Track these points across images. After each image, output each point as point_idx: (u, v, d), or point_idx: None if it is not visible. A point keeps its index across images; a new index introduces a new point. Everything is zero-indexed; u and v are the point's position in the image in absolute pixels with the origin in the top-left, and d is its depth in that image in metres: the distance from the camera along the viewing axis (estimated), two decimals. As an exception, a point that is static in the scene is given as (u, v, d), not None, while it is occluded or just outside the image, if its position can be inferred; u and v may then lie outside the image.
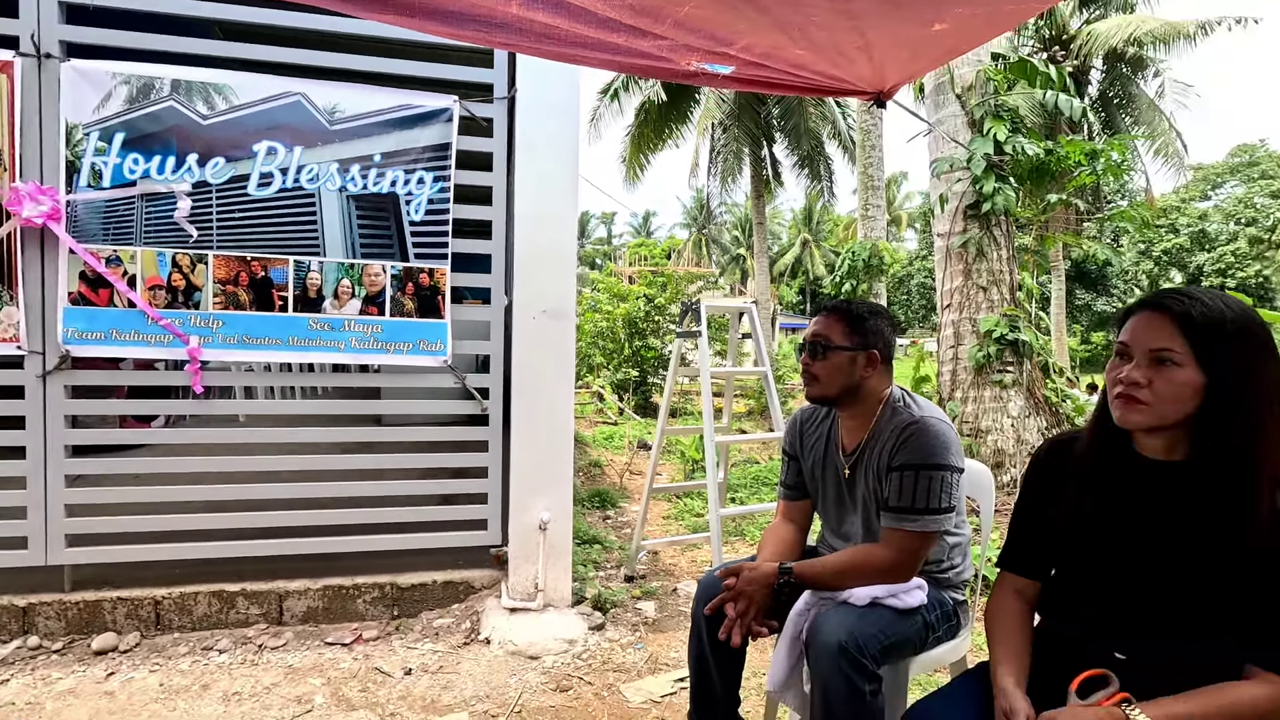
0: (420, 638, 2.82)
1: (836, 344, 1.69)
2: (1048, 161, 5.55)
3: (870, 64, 2.03)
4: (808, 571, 1.59)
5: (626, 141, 17.41)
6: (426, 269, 2.93)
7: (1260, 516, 1.06)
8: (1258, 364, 1.08)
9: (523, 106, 2.96)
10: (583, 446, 7.47)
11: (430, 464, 3.11)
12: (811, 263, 39.57)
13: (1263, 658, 1.07)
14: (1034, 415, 5.39)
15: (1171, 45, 15.64)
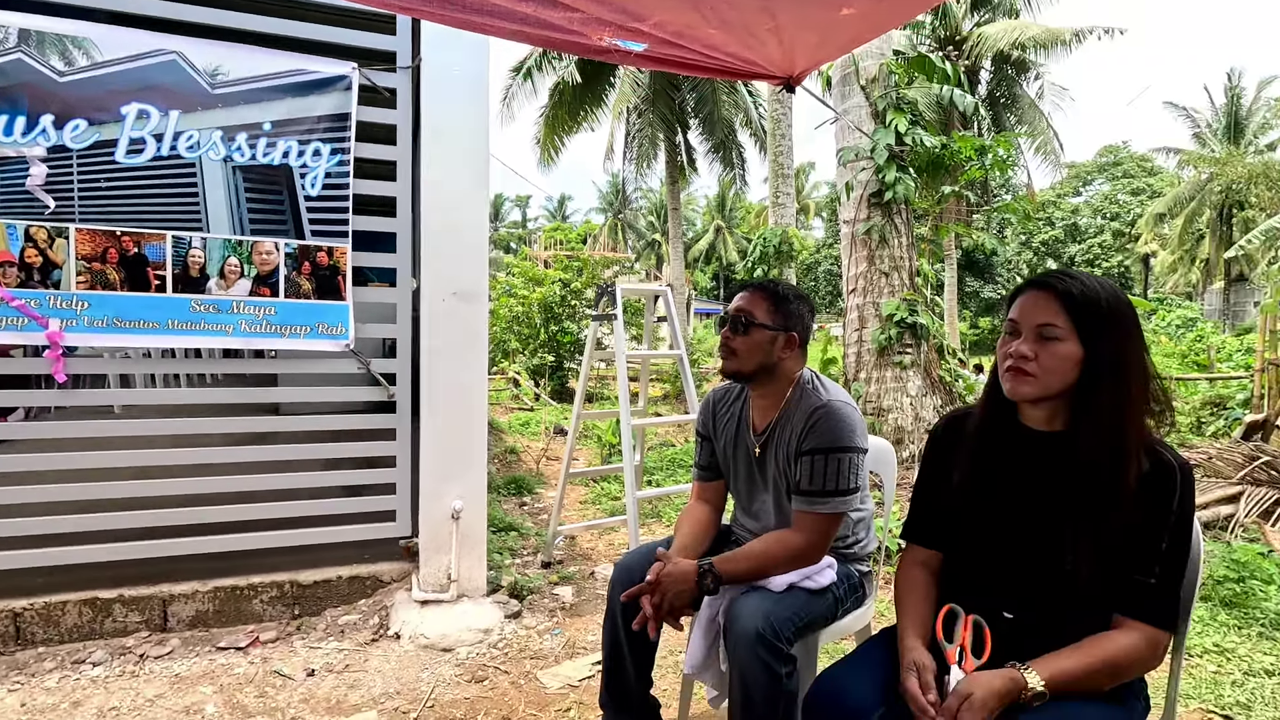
0: (324, 636, 2.68)
1: (759, 321, 1.70)
2: (943, 155, 5.86)
3: (780, 47, 2.05)
4: (728, 569, 1.59)
5: (541, 123, 17.07)
6: (325, 247, 2.76)
7: (1128, 478, 1.15)
8: (1126, 339, 1.18)
9: (429, 77, 2.81)
10: (498, 433, 7.32)
11: (335, 454, 2.95)
12: (725, 249, 40.34)
13: (1130, 608, 1.17)
14: (930, 394, 5.72)
15: (1050, 51, 16.87)
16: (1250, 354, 8.78)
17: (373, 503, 2.96)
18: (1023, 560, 1.25)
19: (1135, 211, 31.64)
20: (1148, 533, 1.15)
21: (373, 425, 2.96)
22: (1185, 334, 17.51)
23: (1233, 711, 2.21)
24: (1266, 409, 5.91)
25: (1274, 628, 2.75)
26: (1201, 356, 12.88)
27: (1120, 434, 1.16)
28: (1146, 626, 1.15)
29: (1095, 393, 1.17)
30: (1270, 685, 2.35)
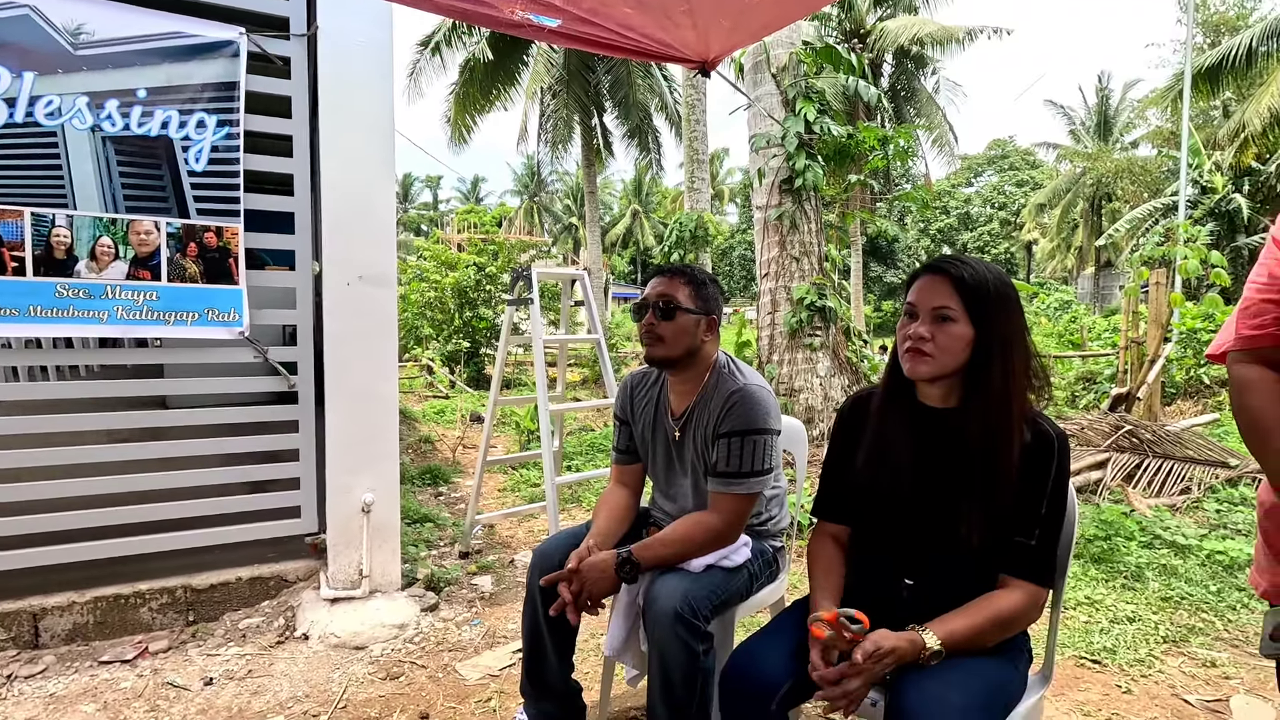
0: (223, 643, 2.52)
1: (683, 305, 1.71)
2: (849, 144, 6.07)
3: (695, 30, 2.05)
4: (647, 555, 1.61)
5: (451, 100, 16.47)
6: (213, 227, 2.56)
7: (1013, 450, 1.24)
8: (1011, 321, 1.27)
9: (327, 46, 2.65)
10: (411, 422, 7.09)
11: (232, 449, 2.76)
12: (642, 233, 40.49)
13: (1014, 569, 1.26)
14: (838, 375, 5.97)
15: (946, 47, 17.81)
16: (1116, 333, 9.67)
17: (275, 499, 2.80)
18: (921, 530, 1.33)
19: (1020, 202, 34.05)
20: (1029, 499, 1.24)
21: (273, 417, 2.79)
22: (1062, 315, 19.07)
23: (1101, 656, 2.44)
24: (1129, 383, 6.53)
25: (1135, 579, 3.06)
26: (1075, 336, 14.07)
27: (1006, 409, 1.24)
28: (1029, 585, 1.25)
29: (985, 371, 1.26)
30: (1131, 630, 2.62)
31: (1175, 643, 2.54)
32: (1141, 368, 6.45)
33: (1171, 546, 3.33)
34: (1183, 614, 2.76)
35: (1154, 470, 4.33)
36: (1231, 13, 19.04)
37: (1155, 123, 25.03)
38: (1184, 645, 2.53)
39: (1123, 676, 2.32)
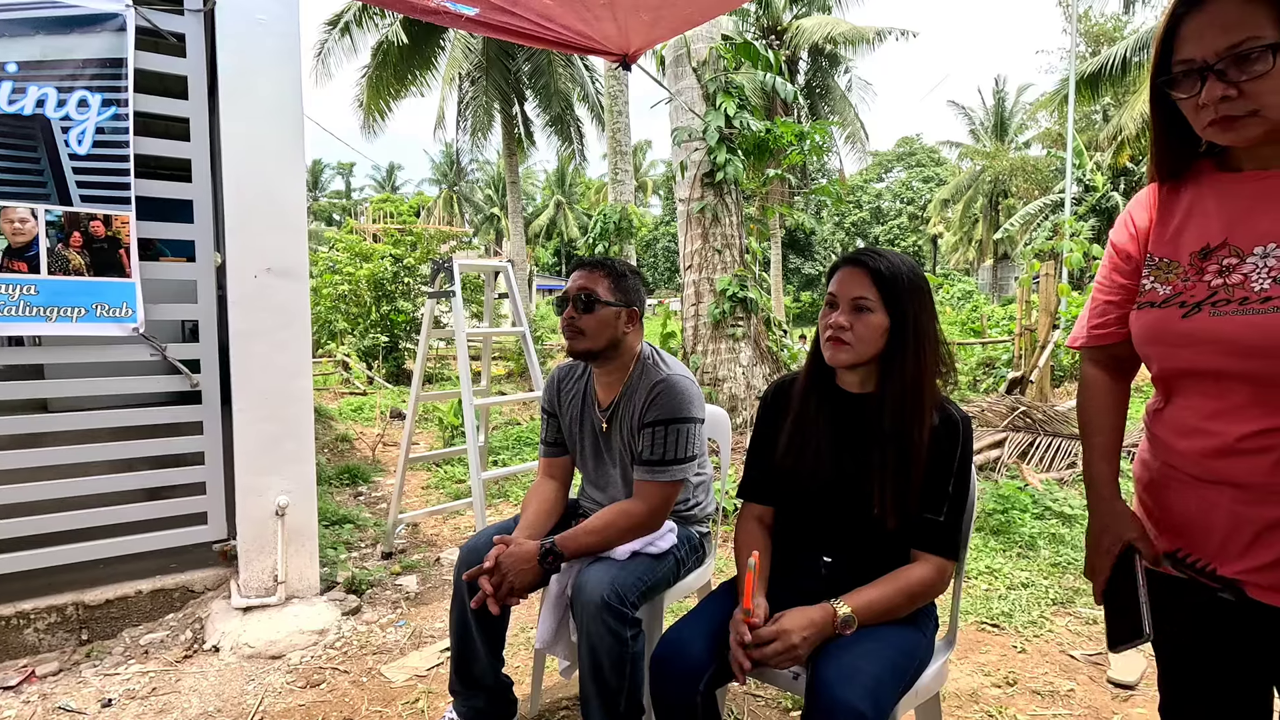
0: (123, 661, 2.36)
1: (603, 298, 1.72)
2: (767, 139, 6.23)
3: (615, 23, 2.06)
4: (571, 544, 1.62)
5: (363, 84, 15.78)
6: (100, 215, 2.37)
7: (923, 433, 1.32)
8: (923, 310, 1.35)
9: (226, 23, 2.49)
10: (327, 420, 6.80)
11: (128, 454, 2.57)
12: (566, 224, 40.16)
13: (924, 544, 1.35)
14: (760, 364, 6.14)
15: (857, 47, 18.50)
16: (1012, 321, 10.37)
17: (179, 505, 2.63)
18: (839, 510, 1.40)
19: (926, 197, 35.90)
20: (938, 478, 1.33)
21: (175, 419, 2.62)
22: (964, 305, 20.27)
23: (999, 620, 2.64)
24: (1023, 367, 7.04)
25: (1029, 548, 3.31)
26: (976, 324, 14.99)
27: (918, 393, 1.33)
28: (937, 558, 1.34)
29: (899, 358, 1.33)
30: (1025, 595, 2.84)
31: (1063, 604, 2.78)
32: (1034, 353, 6.96)
33: (1060, 516, 3.62)
34: (1069, 578, 3.01)
35: (1045, 447, 4.69)
36: (1109, 25, 20.67)
37: (1045, 124, 26.94)
38: (1070, 606, 2.76)
39: (1018, 638, 2.52)
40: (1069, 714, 2.07)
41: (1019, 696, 2.16)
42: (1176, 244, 1.01)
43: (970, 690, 2.18)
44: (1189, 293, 0.97)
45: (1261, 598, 0.94)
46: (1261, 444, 0.91)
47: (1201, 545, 1.00)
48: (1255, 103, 0.87)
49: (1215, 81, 0.88)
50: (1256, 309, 0.90)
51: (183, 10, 2.48)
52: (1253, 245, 0.92)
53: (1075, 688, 2.20)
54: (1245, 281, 0.92)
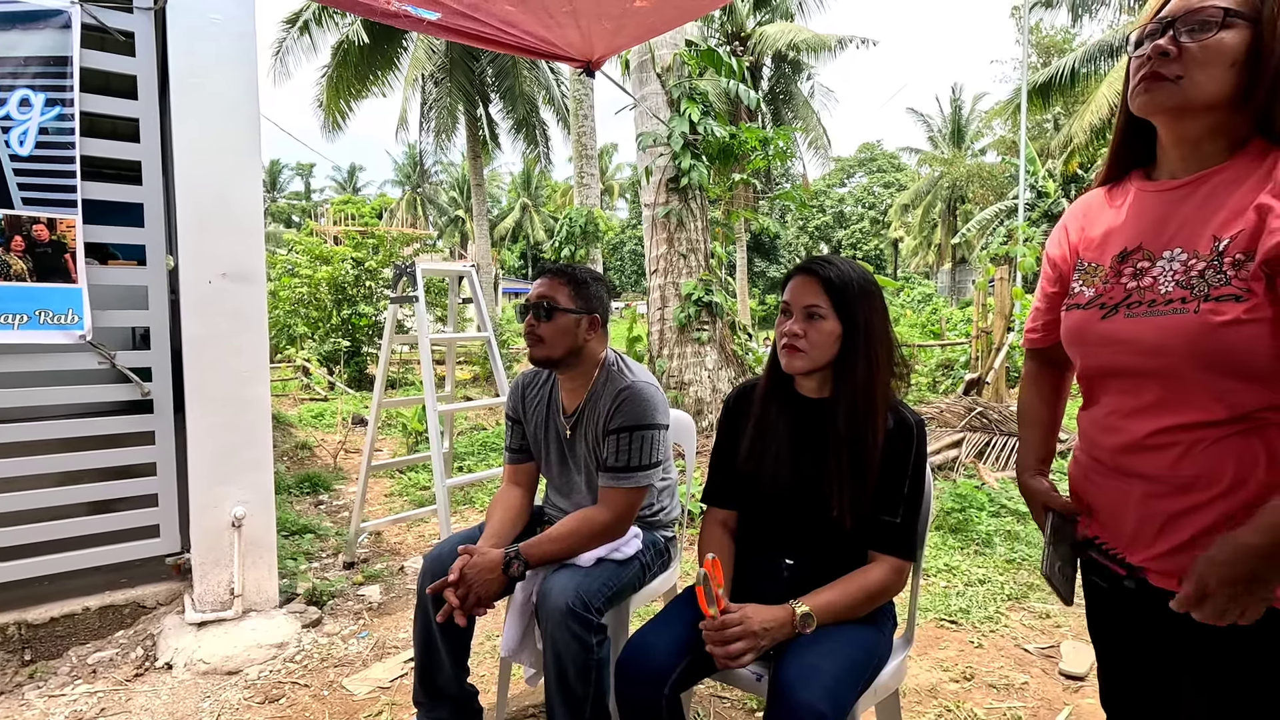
0: (69, 681, 2.27)
1: (562, 306, 1.72)
2: (732, 144, 6.30)
3: (579, 31, 2.07)
4: (535, 552, 1.62)
5: (323, 84, 15.46)
6: (44, 218, 2.28)
7: (878, 436, 1.35)
8: (874, 315, 1.39)
9: (179, 22, 2.42)
10: (286, 428, 6.64)
11: (74, 466, 2.47)
12: (532, 227, 39.94)
13: (881, 545, 1.38)
14: (725, 367, 6.20)
15: (819, 54, 18.79)
16: (970, 324, 10.65)
17: (129, 518, 2.55)
18: (799, 513, 1.43)
19: (887, 202, 36.66)
20: (893, 481, 1.37)
21: (125, 429, 2.54)
22: (924, 307, 20.75)
23: (957, 616, 2.71)
24: (980, 369, 7.23)
25: (985, 545, 3.41)
26: (935, 327, 15.36)
27: (871, 397, 1.36)
28: (894, 559, 1.38)
29: (852, 363, 1.37)
30: (982, 592, 2.92)
31: (1018, 599, 2.86)
32: (990, 355, 7.16)
33: (1015, 514, 3.73)
34: (1023, 573, 3.11)
35: (1001, 447, 4.82)
36: (1059, 38, 21.41)
37: (1000, 132, 27.75)
38: (1024, 601, 2.85)
39: (975, 633, 2.59)
40: (1023, 706, 2.13)
41: (976, 690, 2.22)
42: (1103, 249, 1.07)
43: (929, 686, 2.24)
44: (1108, 294, 1.03)
45: (1160, 584, 1.00)
46: (1165, 440, 0.97)
47: (1116, 534, 1.06)
48: (1183, 69, 0.92)
49: (1169, 36, 0.93)
50: (1161, 310, 0.95)
51: (132, 8, 2.41)
52: (1161, 249, 0.98)
53: (1029, 680, 2.27)
54: (1154, 284, 0.97)
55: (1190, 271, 0.94)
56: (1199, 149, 0.97)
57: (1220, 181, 0.94)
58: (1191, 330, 0.91)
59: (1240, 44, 0.90)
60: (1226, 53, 0.90)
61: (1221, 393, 0.91)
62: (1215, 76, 0.91)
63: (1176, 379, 0.94)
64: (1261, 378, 0.89)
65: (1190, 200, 0.97)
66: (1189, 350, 0.92)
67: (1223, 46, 0.90)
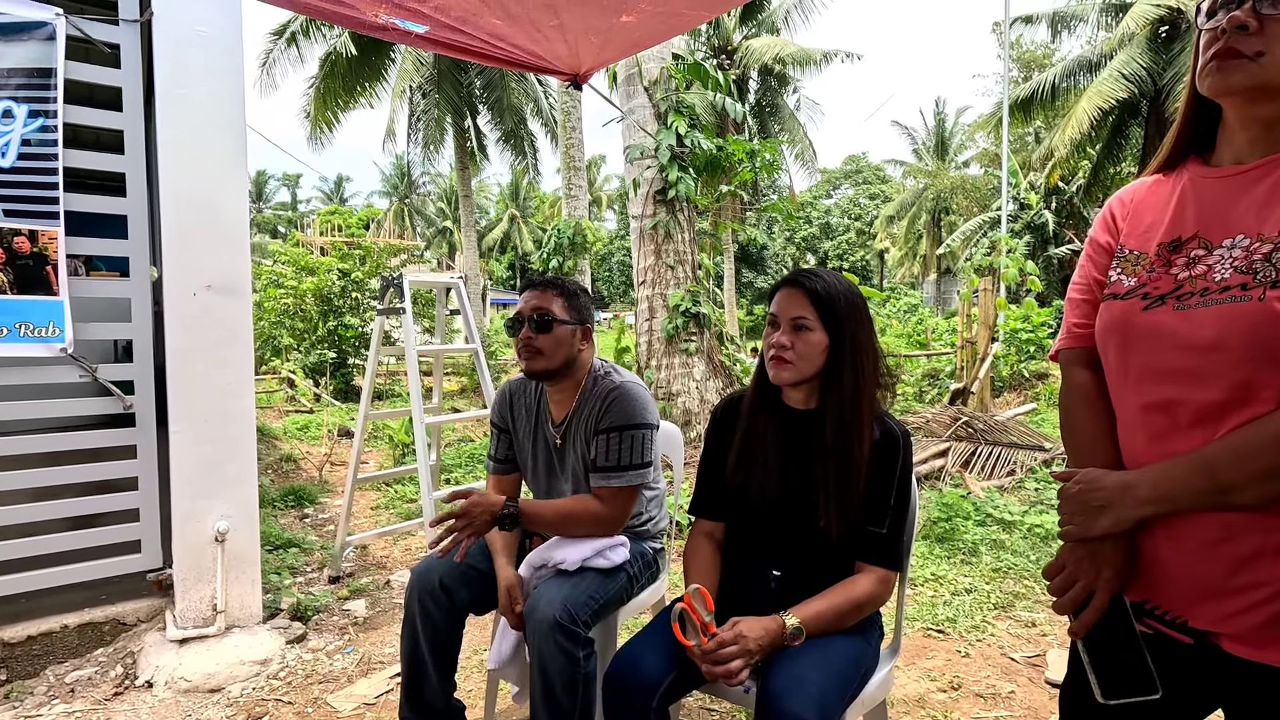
0: (46, 701, 2.23)
1: (559, 317, 1.73)
2: (719, 156, 6.35)
3: (566, 45, 2.08)
4: (530, 512, 1.66)
5: (310, 95, 15.45)
6: (25, 231, 2.26)
7: (864, 447, 1.36)
8: (860, 326, 1.40)
9: (165, 34, 2.42)
10: (271, 440, 6.57)
11: (53, 481, 2.43)
12: (520, 238, 39.94)
13: (867, 555, 1.39)
14: (713, 378, 6.21)
15: (805, 68, 19.02)
16: (955, 334, 10.76)
17: (110, 534, 2.51)
18: (787, 524, 1.43)
19: (873, 213, 36.99)
20: (879, 491, 1.38)
21: (107, 443, 2.50)
22: (910, 318, 20.92)
23: (944, 626, 2.72)
24: (965, 379, 7.30)
25: (971, 554, 3.43)
26: (921, 337, 15.49)
27: (857, 408, 1.37)
28: (880, 569, 1.38)
29: (839, 374, 1.38)
30: (969, 601, 2.93)
31: (1004, 608, 2.88)
32: (975, 365, 7.22)
33: (1000, 523, 3.76)
34: (1009, 582, 3.13)
35: (986, 456, 4.86)
36: (1039, 53, 21.79)
37: (983, 145, 28.14)
38: (1011, 610, 2.87)
39: (962, 642, 2.60)
40: (1010, 715, 2.14)
41: (963, 700, 2.22)
42: (1148, 237, 0.97)
43: (917, 695, 2.24)
44: (1153, 284, 0.92)
45: (1237, 651, 0.87)
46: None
47: (1171, 593, 0.92)
48: (1264, 45, 0.82)
49: (1248, 6, 0.83)
50: (1216, 299, 0.85)
51: (117, 20, 2.41)
52: (1222, 238, 0.88)
53: (1016, 689, 2.28)
54: (1208, 273, 0.87)
55: (1253, 255, 0.83)
56: (1272, 132, 0.87)
57: None
58: (1255, 319, 0.80)
59: None
60: None
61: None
62: None
63: (1235, 378, 0.82)
64: None
65: (1259, 185, 0.86)
66: (1251, 342, 0.80)
67: None
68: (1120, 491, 0.90)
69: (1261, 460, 0.80)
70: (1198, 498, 0.85)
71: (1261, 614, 0.83)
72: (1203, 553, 0.86)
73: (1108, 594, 0.90)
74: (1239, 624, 0.85)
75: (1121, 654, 0.89)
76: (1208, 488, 0.83)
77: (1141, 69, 13.09)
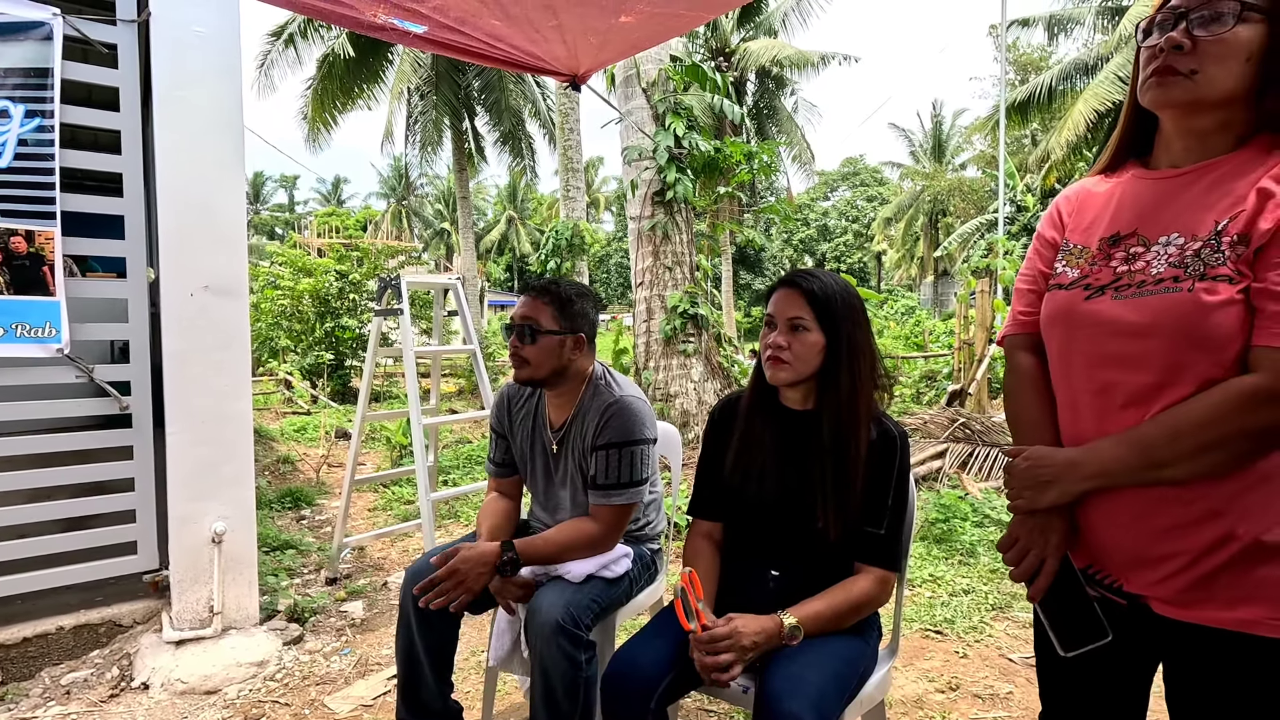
0: (41, 703, 2.22)
1: (545, 328, 1.71)
2: (717, 158, 6.35)
3: (564, 45, 2.08)
4: (529, 550, 1.63)
5: (308, 96, 15.44)
6: (22, 231, 2.25)
7: (861, 447, 1.36)
8: (856, 327, 1.40)
9: (162, 35, 2.42)
10: (268, 442, 6.56)
11: (49, 482, 2.43)
12: (518, 240, 39.92)
13: (866, 556, 1.39)
14: (711, 379, 6.21)
15: (802, 70, 19.05)
16: (952, 336, 10.76)
17: (106, 535, 2.50)
18: (785, 524, 1.43)
19: (870, 215, 37.05)
20: (877, 492, 1.38)
21: (103, 444, 2.50)
22: (908, 319, 20.95)
23: (942, 626, 2.72)
24: (962, 380, 7.31)
25: (969, 555, 3.43)
26: (919, 338, 15.50)
27: (854, 409, 1.37)
28: (879, 570, 1.38)
29: (835, 374, 1.38)
30: (967, 602, 2.93)
31: (1002, 609, 2.88)
32: (972, 367, 7.23)
33: (998, 524, 3.77)
34: (1007, 583, 3.13)
35: (983, 457, 4.87)
36: (1036, 55, 21.86)
37: (980, 147, 28.21)
38: (1008, 611, 2.87)
39: (960, 643, 2.60)
40: (1008, 716, 2.14)
41: (961, 700, 2.22)
42: (1090, 232, 1.05)
43: (915, 696, 2.24)
44: (1094, 276, 1.00)
45: (1167, 612, 0.96)
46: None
47: (1109, 559, 1.01)
48: (1198, 63, 0.90)
49: (1182, 28, 0.91)
50: (1151, 290, 0.93)
51: (115, 20, 2.40)
52: (1158, 235, 0.96)
53: (1014, 690, 2.28)
54: (1146, 268, 0.95)
55: (1185, 252, 0.92)
56: (1205, 141, 0.95)
57: (1225, 171, 0.93)
58: (1184, 308, 0.89)
59: (1256, 38, 0.88)
60: (1242, 47, 0.89)
61: (1202, 372, 0.89)
62: (1231, 72, 0.89)
63: (1165, 362, 0.91)
64: (1230, 361, 0.88)
65: (1193, 188, 0.95)
66: (1180, 328, 0.89)
67: (1238, 40, 0.88)
68: (1066, 467, 0.98)
69: (1191, 439, 0.88)
70: (1133, 473, 0.93)
71: (1183, 579, 0.92)
72: (1131, 525, 0.96)
73: (1056, 559, 1.00)
74: (1165, 589, 0.94)
75: (1073, 609, 0.99)
76: (1142, 464, 0.92)
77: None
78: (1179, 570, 0.92)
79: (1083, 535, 1.02)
